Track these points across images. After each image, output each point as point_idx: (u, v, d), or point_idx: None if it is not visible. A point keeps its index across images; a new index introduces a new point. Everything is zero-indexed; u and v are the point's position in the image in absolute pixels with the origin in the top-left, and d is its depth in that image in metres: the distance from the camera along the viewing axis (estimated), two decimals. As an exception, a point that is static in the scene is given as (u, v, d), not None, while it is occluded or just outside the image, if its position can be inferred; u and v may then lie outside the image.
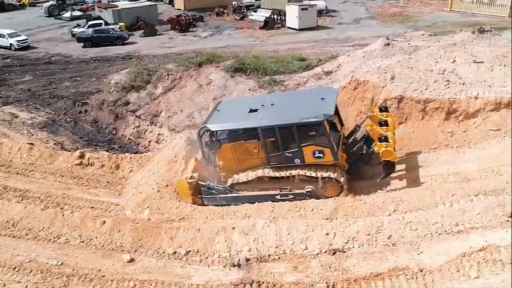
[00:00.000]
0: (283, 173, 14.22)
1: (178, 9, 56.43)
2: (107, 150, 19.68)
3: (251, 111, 14.53)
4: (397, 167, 14.31)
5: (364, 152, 14.77)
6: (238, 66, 22.27)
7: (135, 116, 22.00)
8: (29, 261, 12.24)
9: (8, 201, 14.94)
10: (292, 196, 14.09)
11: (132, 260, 12.15)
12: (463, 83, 15.28)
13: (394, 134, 14.38)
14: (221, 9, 53.08)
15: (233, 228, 12.48)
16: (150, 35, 43.76)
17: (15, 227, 14.00)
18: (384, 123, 14.43)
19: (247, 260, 11.67)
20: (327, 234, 11.72)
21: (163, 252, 12.49)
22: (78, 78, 30.22)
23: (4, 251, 12.75)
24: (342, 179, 13.93)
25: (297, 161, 14.04)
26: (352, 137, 15.75)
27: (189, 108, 21.00)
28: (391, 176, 13.83)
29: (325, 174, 13.95)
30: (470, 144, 14.30)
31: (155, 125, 21.20)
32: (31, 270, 11.93)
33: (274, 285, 10.63)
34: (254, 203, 14.05)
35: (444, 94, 14.96)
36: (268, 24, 44.99)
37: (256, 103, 15.04)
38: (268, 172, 14.32)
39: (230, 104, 17.40)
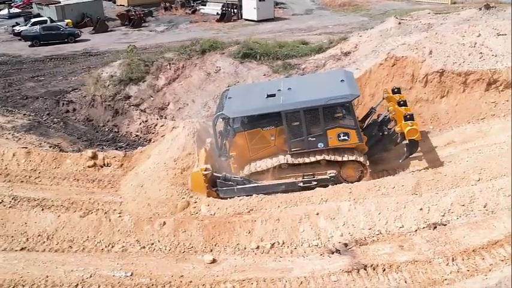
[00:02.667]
0: (307, 159, 13.66)
1: (120, 5, 53.31)
2: (116, 149, 17.70)
3: (269, 96, 13.82)
4: (453, 138, 14.30)
5: (386, 133, 14.60)
6: (246, 51, 21.18)
7: (140, 110, 20.03)
8: (90, 276, 10.57)
9: (33, 211, 12.86)
10: (316, 182, 13.62)
11: (214, 261, 10.88)
12: (495, 55, 15.65)
13: None
14: (168, 4, 51.07)
15: (317, 214, 11.61)
16: (101, 32, 40.81)
17: (51, 240, 12.07)
18: (402, 104, 14.41)
19: (346, 245, 10.92)
20: (421, 209, 11.28)
21: (245, 248, 11.31)
22: (42, 78, 27.17)
23: (52, 268, 10.89)
24: (367, 162, 13.69)
25: (321, 145, 13.60)
26: (369, 119, 15.54)
27: (201, 98, 19.52)
28: (452, 146, 13.70)
29: (352, 157, 13.63)
30: (516, 112, 14.67)
31: (165, 118, 19.49)
32: (99, 286, 10.30)
33: (391, 266, 9.98)
34: (273, 193, 13.33)
35: (482, 66, 15.22)
36: (225, 17, 43.97)
37: (270, 88, 14.35)
38: (291, 159, 13.69)
39: (241, 90, 16.45)
